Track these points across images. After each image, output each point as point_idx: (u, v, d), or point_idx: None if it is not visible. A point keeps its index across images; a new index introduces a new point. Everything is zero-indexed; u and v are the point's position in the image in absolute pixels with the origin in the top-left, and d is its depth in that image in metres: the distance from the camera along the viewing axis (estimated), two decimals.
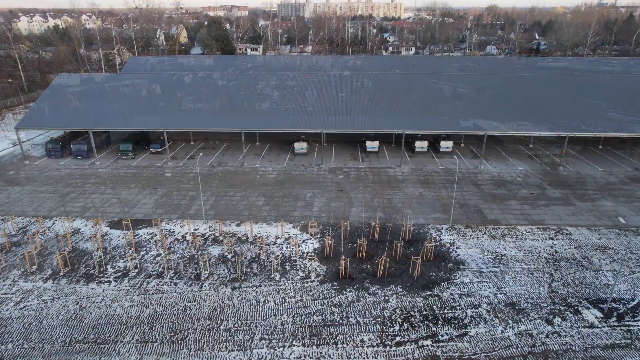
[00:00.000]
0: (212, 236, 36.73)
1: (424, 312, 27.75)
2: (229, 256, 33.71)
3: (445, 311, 27.92)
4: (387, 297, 29.12)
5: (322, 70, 73.52)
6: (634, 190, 45.06)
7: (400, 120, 51.83)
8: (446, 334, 26.13)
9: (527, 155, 55.58)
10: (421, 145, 54.92)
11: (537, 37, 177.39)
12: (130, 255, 33.43)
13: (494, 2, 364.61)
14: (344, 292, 29.60)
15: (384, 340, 25.58)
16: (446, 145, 54.87)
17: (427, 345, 25.30)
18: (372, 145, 54.86)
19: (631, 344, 25.35)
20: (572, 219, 39.41)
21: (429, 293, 29.51)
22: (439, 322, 26.97)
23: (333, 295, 29.41)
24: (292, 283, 30.65)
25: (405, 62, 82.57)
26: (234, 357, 24.69)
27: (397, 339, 25.78)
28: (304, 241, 35.81)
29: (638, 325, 26.66)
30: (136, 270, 32.08)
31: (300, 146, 54.54)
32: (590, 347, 25.23)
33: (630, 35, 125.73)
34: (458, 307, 28.26)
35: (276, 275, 31.44)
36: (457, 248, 34.67)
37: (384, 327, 26.45)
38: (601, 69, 76.12)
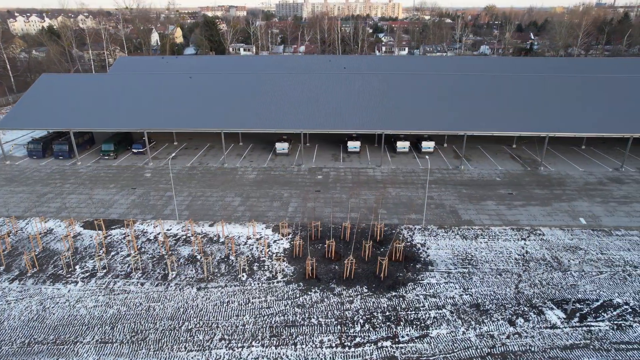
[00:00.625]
0: (184, 236, 36.73)
1: (387, 313, 27.71)
2: (199, 256, 33.71)
3: (409, 312, 27.86)
4: (351, 298, 29.08)
5: (306, 71, 73.45)
6: (612, 190, 44.97)
7: (380, 120, 51.75)
8: (407, 335, 26.08)
9: (509, 155, 55.51)
10: (403, 146, 54.86)
11: (532, 37, 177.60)
12: (99, 256, 33.42)
13: (492, 2, 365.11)
14: (309, 293, 29.56)
15: (343, 341, 25.55)
16: (428, 145, 54.82)
17: (387, 347, 25.25)
18: (354, 145, 54.83)
19: (590, 344, 25.29)
20: (546, 219, 39.34)
21: (394, 294, 29.45)
22: (401, 323, 26.93)
23: (297, 295, 29.37)
24: (258, 283, 30.62)
25: (383, 62, 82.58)
26: (192, 358, 24.66)
27: (357, 339, 25.74)
28: (274, 242, 35.79)
29: (599, 326, 26.60)
30: (104, 271, 32.08)
31: (282, 146, 54.52)
32: (549, 347, 25.16)
33: (624, 36, 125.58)
34: (422, 308, 28.20)
35: (243, 276, 31.42)
36: (427, 249, 34.62)
37: (345, 328, 26.41)
38: (589, 68, 76.14)
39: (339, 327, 26.60)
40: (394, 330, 26.22)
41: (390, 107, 54.00)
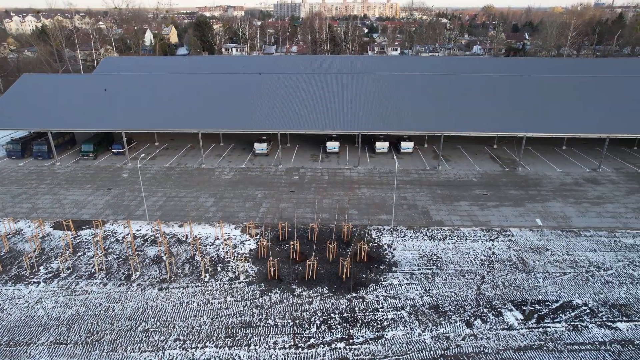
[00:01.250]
0: (153, 237, 36.72)
1: (345, 315, 27.67)
2: (164, 257, 33.70)
3: (367, 313, 27.82)
4: (311, 299, 29.04)
5: (288, 71, 73.39)
6: (586, 191, 44.88)
7: (358, 121, 51.68)
8: (362, 336, 26.04)
9: (489, 156, 55.43)
10: (381, 146, 54.80)
11: (527, 37, 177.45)
12: (63, 256, 33.42)
13: (490, 3, 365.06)
14: (269, 294, 29.53)
15: (297, 343, 25.51)
16: (407, 145, 54.76)
17: (340, 348, 25.21)
18: (333, 145, 54.79)
19: (544, 345, 25.23)
20: (518, 220, 39.27)
21: (354, 295, 29.42)
22: (357, 324, 26.88)
23: (257, 296, 29.35)
24: (220, 284, 30.60)
25: (370, 63, 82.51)
26: (145, 358, 24.65)
27: (312, 341, 25.70)
28: (241, 242, 35.77)
29: (556, 327, 26.53)
30: (69, 272, 32.08)
31: (260, 147, 54.51)
32: (503, 349, 25.11)
33: (615, 37, 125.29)
34: (380, 310, 28.15)
35: (206, 277, 31.41)
36: (394, 249, 34.57)
37: (299, 329, 26.36)
38: (575, 68, 76.03)
39: (294, 328, 26.57)
40: (349, 331, 26.18)
41: (368, 107, 53.94)
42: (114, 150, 56.10)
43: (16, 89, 59.23)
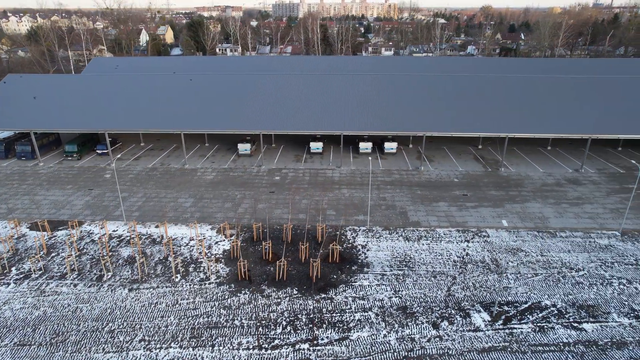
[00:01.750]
0: (128, 237, 36.70)
1: (312, 316, 27.63)
2: (138, 257, 33.67)
3: (334, 314, 27.78)
4: (279, 300, 29.01)
5: (276, 72, 73.40)
6: (567, 191, 44.81)
7: (340, 121, 51.63)
8: (327, 337, 26.00)
9: (473, 156, 55.37)
10: (365, 146, 54.74)
11: (522, 37, 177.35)
12: (34, 256, 33.40)
13: (489, 3, 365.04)
14: (238, 295, 29.51)
15: (261, 343, 25.48)
16: (390, 146, 54.70)
17: (304, 349, 25.17)
18: (316, 146, 54.75)
19: (509, 346, 25.17)
20: (495, 220, 39.21)
21: (323, 296, 29.37)
22: (323, 325, 26.84)
23: (226, 297, 29.33)
24: (191, 285, 30.58)
25: (357, 63, 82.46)
26: (108, 359, 24.63)
27: (276, 342, 25.67)
28: (216, 243, 35.74)
29: (522, 328, 26.48)
30: (40, 272, 32.07)
31: (244, 147, 54.49)
32: (467, 350, 25.05)
33: (612, 37, 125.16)
34: (348, 311, 28.11)
35: (177, 277, 31.39)
36: (367, 250, 34.52)
37: (264, 330, 26.33)
38: (565, 68, 75.92)
39: (260, 329, 26.54)
40: (314, 332, 26.14)
41: (351, 108, 53.90)
42: (98, 151, 56.11)
43: (0, 89, 59.24)
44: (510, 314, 27.76)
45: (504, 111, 52.82)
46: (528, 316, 27.51)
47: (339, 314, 27.79)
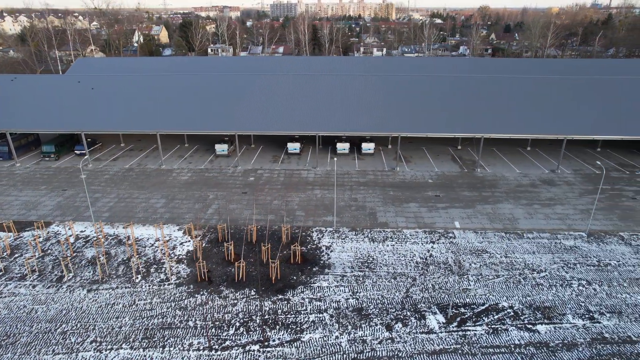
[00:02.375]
0: (95, 238, 36.66)
1: (266, 317, 27.55)
2: (102, 258, 33.62)
3: (289, 316, 27.69)
4: (236, 301, 28.94)
5: (253, 72, 73.38)
6: (540, 192, 44.69)
7: (316, 121, 51.55)
8: (278, 339, 25.92)
9: (451, 157, 55.26)
10: (342, 147, 54.63)
11: (516, 37, 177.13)
12: None
13: (487, 3, 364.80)
14: (195, 296, 29.45)
15: (211, 344, 25.41)
16: (368, 146, 54.59)
17: (254, 350, 25.10)
18: (293, 147, 54.68)
19: (460, 348, 25.07)
20: (464, 221, 39.10)
21: (280, 297, 29.30)
22: (277, 326, 26.77)
23: (183, 298, 29.27)
24: (150, 286, 30.52)
25: (343, 64, 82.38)
26: None
27: (227, 343, 25.61)
28: (181, 244, 35.69)
29: (476, 330, 26.38)
30: (1, 273, 32.02)
31: (221, 148, 54.43)
32: (417, 353, 24.96)
33: (602, 38, 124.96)
34: (303, 312, 28.03)
35: (137, 278, 31.33)
36: (331, 251, 34.43)
37: (215, 332, 26.26)
38: (549, 69, 75.79)
39: (213, 330, 26.47)
40: (266, 334, 26.07)
41: (328, 108, 53.83)
42: (77, 152, 56.08)
43: None
44: (466, 315, 27.67)
45: (481, 112, 52.73)
46: (483, 318, 27.41)
47: (293, 315, 27.70)
